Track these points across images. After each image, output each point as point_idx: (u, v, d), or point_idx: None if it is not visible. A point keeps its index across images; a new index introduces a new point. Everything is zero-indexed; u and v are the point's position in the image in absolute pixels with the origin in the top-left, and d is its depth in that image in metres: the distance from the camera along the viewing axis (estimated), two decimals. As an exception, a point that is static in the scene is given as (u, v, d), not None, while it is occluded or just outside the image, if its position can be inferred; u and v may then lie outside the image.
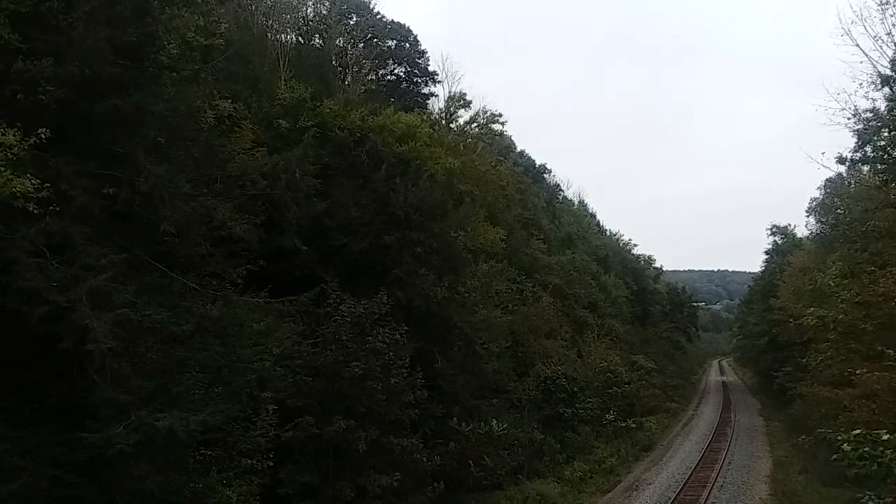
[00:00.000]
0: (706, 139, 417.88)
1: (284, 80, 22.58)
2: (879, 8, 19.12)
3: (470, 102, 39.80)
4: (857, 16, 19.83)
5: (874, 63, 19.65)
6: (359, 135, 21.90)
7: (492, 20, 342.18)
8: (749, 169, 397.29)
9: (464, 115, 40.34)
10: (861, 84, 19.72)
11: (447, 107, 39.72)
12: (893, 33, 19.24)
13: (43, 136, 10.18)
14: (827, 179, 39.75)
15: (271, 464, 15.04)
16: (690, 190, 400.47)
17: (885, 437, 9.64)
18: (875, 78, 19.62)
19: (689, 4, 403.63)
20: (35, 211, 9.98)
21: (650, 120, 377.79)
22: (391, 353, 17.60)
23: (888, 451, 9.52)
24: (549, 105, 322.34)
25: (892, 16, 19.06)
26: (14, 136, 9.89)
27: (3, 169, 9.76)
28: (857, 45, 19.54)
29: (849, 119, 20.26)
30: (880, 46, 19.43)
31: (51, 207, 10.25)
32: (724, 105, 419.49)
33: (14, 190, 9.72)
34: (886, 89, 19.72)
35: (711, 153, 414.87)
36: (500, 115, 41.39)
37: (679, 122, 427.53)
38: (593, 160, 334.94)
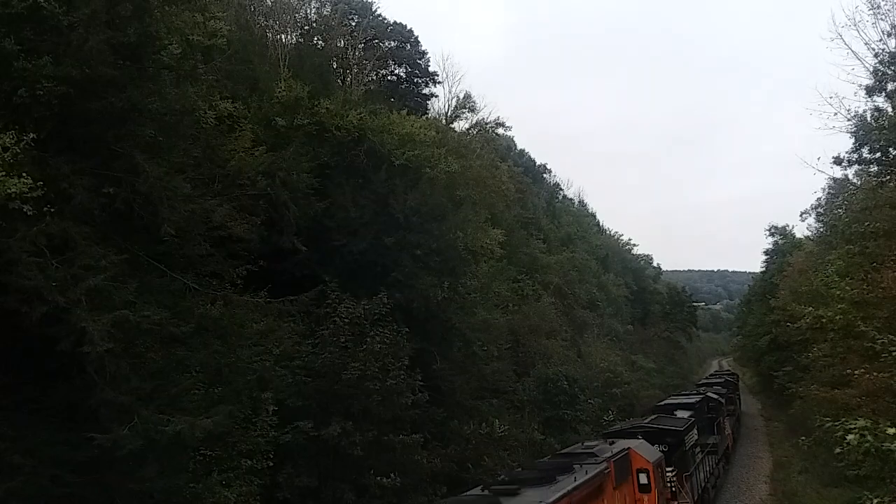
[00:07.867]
0: (721, 149, 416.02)
1: (284, 80, 22.50)
2: (871, 12, 19.20)
3: (474, 106, 39.64)
4: (850, 20, 19.84)
5: (866, 66, 19.81)
6: (357, 134, 21.80)
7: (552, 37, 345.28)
8: (756, 175, 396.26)
9: (471, 118, 40.20)
10: (858, 88, 19.86)
11: (454, 111, 39.49)
12: (885, 39, 19.34)
13: (32, 139, 9.95)
14: (833, 179, 39.75)
15: (271, 464, 14.97)
16: (700, 196, 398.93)
17: (891, 430, 9.46)
18: (869, 79, 19.76)
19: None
20: (30, 213, 9.85)
21: (674, 131, 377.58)
22: (390, 356, 17.58)
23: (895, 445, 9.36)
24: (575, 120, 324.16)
25: (883, 20, 19.15)
26: (10, 138, 9.80)
27: None
28: (850, 49, 19.63)
29: (848, 121, 20.37)
30: (871, 50, 19.58)
31: (49, 207, 10.16)
32: (746, 118, 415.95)
33: (10, 191, 9.59)
34: (881, 96, 19.83)
35: (723, 163, 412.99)
36: (504, 123, 41.41)
37: (699, 134, 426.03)
38: (623, 169, 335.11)
